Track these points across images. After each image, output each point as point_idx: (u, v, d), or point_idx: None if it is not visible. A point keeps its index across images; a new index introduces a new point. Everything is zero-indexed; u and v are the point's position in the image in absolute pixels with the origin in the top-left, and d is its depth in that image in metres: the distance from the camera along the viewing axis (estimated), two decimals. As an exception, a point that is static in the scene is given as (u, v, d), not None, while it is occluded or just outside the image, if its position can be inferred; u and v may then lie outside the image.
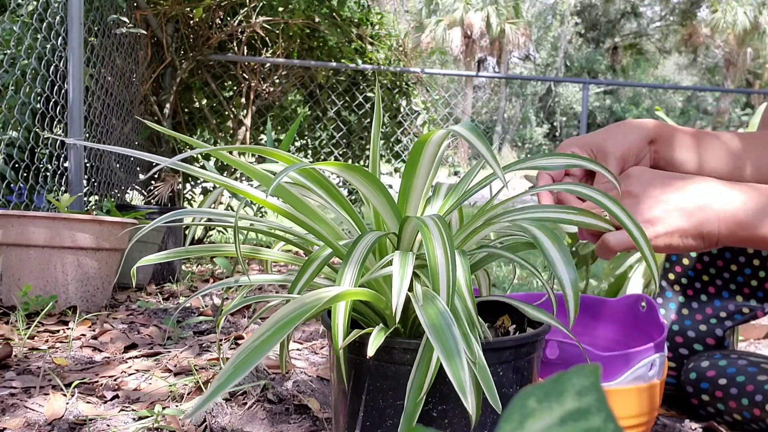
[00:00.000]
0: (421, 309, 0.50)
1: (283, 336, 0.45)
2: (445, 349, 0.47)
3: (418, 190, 0.60)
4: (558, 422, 0.18)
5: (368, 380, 0.58)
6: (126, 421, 0.90)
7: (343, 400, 0.61)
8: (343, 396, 0.61)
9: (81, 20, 2.23)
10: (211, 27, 3.44)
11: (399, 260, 0.52)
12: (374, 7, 3.90)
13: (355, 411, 0.59)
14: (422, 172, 0.58)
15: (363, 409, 0.59)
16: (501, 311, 0.71)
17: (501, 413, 0.50)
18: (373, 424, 0.58)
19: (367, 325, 0.60)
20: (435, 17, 21.05)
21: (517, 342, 0.59)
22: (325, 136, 3.99)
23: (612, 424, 0.18)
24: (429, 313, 0.50)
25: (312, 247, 0.66)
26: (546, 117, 27.91)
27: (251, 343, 0.44)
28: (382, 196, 0.57)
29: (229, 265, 1.64)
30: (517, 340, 0.59)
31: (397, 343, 0.56)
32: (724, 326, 1.05)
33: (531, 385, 0.19)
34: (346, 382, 0.60)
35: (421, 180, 0.59)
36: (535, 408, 0.19)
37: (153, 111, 3.38)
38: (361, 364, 0.59)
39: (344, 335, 0.54)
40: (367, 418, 0.59)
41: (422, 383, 0.52)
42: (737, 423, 0.94)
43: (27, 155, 2.11)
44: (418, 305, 0.51)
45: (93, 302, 1.70)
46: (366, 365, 0.58)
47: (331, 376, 0.64)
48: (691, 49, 23.47)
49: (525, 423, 0.18)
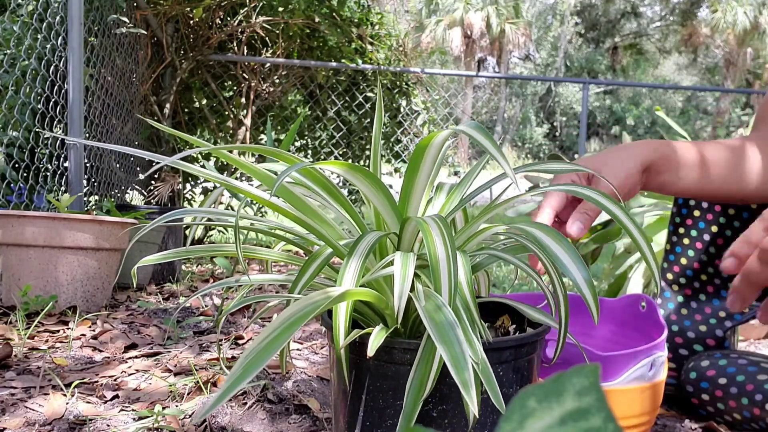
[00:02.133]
0: (424, 309, 0.50)
1: (290, 335, 0.45)
2: (449, 349, 0.47)
3: (419, 191, 0.59)
4: (558, 422, 0.18)
5: (368, 380, 0.58)
6: (126, 421, 0.90)
7: (343, 400, 0.61)
8: (344, 396, 0.61)
9: (81, 20, 2.23)
10: (211, 27, 3.44)
11: (400, 260, 0.52)
12: (374, 7, 3.90)
13: (355, 411, 0.59)
14: (424, 172, 0.58)
15: (363, 409, 0.59)
16: (501, 311, 0.72)
17: (502, 413, 0.50)
18: (373, 424, 0.58)
19: (367, 325, 0.61)
20: (435, 17, 21.04)
21: (517, 342, 0.59)
22: (325, 136, 3.99)
23: (612, 424, 0.18)
24: (431, 312, 0.50)
25: (313, 247, 0.66)
26: (546, 117, 27.91)
27: (258, 343, 0.44)
28: (383, 196, 0.57)
29: (229, 265, 1.63)
30: (517, 340, 0.59)
31: (398, 343, 0.56)
32: (724, 326, 1.05)
33: (531, 385, 0.19)
34: (347, 382, 0.60)
35: (423, 180, 0.59)
36: (535, 408, 0.19)
37: (153, 111, 3.38)
38: (361, 364, 0.59)
39: (345, 335, 0.54)
40: (367, 418, 0.59)
41: (422, 383, 0.52)
42: (737, 422, 0.94)
43: (27, 155, 2.11)
44: (420, 305, 0.51)
45: (93, 302, 1.70)
46: (366, 365, 0.58)
47: (331, 375, 0.64)
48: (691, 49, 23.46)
49: (525, 423, 0.18)
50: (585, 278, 0.52)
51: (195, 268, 2.63)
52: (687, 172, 0.84)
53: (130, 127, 3.07)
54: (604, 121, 26.85)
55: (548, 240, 0.55)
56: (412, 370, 0.53)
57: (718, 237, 1.04)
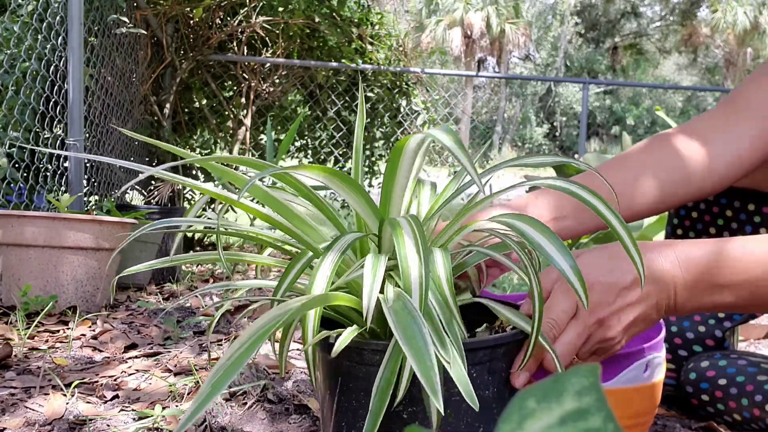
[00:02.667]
0: (390, 309, 0.50)
1: (254, 350, 0.45)
2: (413, 348, 0.45)
3: (399, 192, 0.59)
4: (557, 422, 0.18)
5: (341, 380, 0.58)
6: (126, 420, 0.90)
7: (326, 400, 0.62)
8: (325, 395, 0.62)
9: (81, 20, 2.23)
10: (211, 27, 3.44)
11: (371, 261, 0.52)
12: (374, 7, 3.90)
13: (332, 411, 0.60)
14: (402, 174, 0.57)
15: (336, 410, 0.59)
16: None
17: (477, 411, 0.50)
18: (348, 424, 0.58)
19: (344, 325, 0.61)
20: (435, 17, 21.05)
21: (492, 343, 0.58)
22: (325, 136, 3.99)
23: (611, 424, 0.18)
24: (398, 312, 0.49)
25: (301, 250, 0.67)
26: (546, 117, 27.91)
27: (227, 359, 0.44)
28: (362, 198, 0.57)
29: (229, 266, 1.64)
30: (492, 341, 0.58)
31: (366, 344, 0.56)
32: (723, 327, 1.05)
33: (531, 385, 0.19)
34: (323, 382, 0.61)
35: (402, 182, 0.58)
36: (534, 408, 0.19)
37: (153, 111, 3.39)
38: (337, 365, 0.59)
39: (314, 334, 0.55)
40: (341, 418, 0.59)
41: (389, 383, 0.52)
42: (737, 423, 0.94)
43: (27, 155, 2.11)
44: (386, 305, 0.50)
45: (93, 302, 1.70)
46: (340, 365, 0.58)
47: (317, 374, 0.65)
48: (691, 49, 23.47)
49: (524, 423, 0.18)
50: (571, 265, 0.51)
51: (195, 268, 2.63)
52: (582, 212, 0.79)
53: (130, 127, 3.07)
54: (604, 121, 26.85)
55: (532, 231, 0.54)
56: (379, 371, 0.53)
57: (716, 237, 1.04)
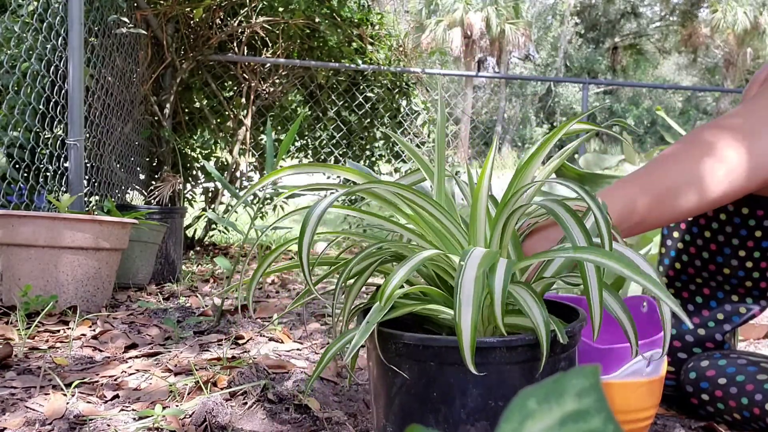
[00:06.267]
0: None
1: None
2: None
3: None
4: (558, 423, 0.18)
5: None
6: (126, 420, 0.90)
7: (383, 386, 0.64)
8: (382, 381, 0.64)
9: (81, 20, 2.23)
10: (212, 27, 3.44)
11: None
12: (374, 7, 3.90)
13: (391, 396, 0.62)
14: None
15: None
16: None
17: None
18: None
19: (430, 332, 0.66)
20: (435, 17, 21.04)
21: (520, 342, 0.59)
22: (325, 136, 3.99)
23: (612, 425, 0.18)
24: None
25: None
26: (546, 117, 27.90)
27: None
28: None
29: (229, 265, 1.64)
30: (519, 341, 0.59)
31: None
32: (723, 330, 1.05)
33: (531, 385, 0.19)
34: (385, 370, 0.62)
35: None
36: (535, 409, 0.19)
37: (153, 111, 3.39)
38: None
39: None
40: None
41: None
42: (737, 422, 0.94)
43: (27, 155, 2.11)
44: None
45: (93, 302, 1.70)
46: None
47: (368, 363, 0.67)
48: (690, 49, 23.47)
49: (525, 424, 0.18)
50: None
51: (195, 268, 2.63)
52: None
53: (130, 127, 3.07)
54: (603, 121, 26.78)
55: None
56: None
57: (712, 242, 1.04)
